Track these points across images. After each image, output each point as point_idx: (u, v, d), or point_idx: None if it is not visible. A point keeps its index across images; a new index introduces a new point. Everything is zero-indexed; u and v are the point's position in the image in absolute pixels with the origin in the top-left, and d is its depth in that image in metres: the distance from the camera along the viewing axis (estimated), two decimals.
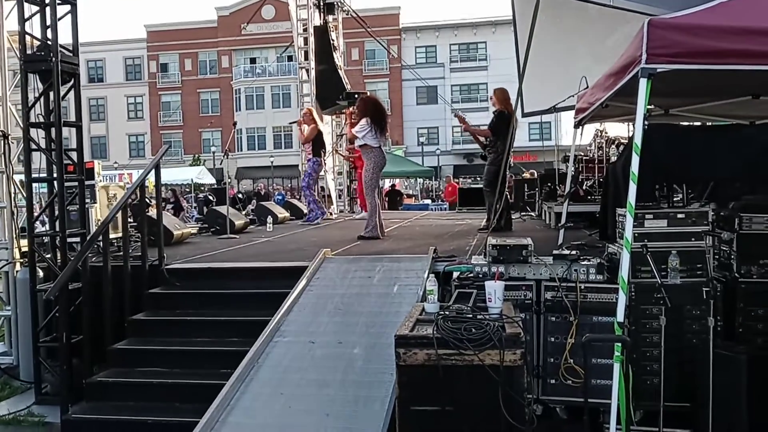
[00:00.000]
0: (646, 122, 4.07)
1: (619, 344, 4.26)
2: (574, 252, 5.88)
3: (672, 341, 5.19)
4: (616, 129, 12.40)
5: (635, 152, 4.07)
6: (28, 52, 7.33)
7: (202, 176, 39.90)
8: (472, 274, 5.75)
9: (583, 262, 5.58)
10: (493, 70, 52.96)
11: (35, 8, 7.33)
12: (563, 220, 7.65)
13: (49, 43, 7.22)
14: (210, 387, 5.38)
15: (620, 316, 4.26)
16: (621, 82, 4.66)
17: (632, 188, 4.13)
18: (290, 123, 16.58)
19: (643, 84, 4.07)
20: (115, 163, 49.30)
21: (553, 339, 5.43)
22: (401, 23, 55.87)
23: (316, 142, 12.40)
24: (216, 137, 57.22)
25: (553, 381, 5.42)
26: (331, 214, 15.46)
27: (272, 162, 50.20)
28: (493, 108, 9.42)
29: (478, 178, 19.84)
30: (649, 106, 4.85)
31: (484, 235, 8.29)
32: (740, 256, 5.49)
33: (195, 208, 26.18)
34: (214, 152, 48.99)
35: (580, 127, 7.70)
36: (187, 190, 38.97)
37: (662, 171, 5.87)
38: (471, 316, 4.28)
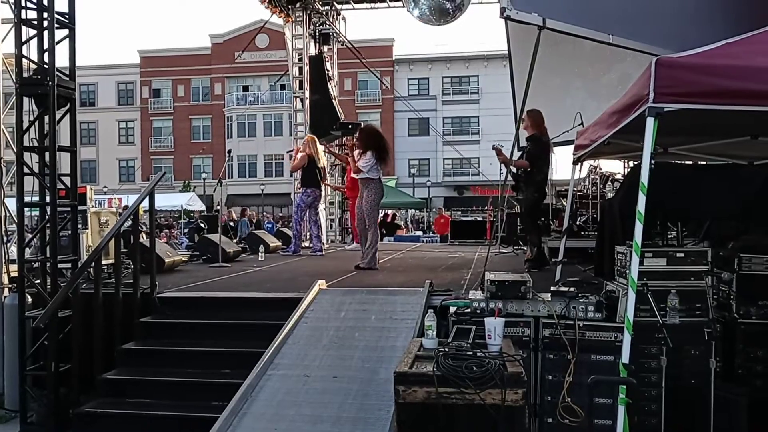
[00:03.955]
0: (652, 162, 4.04)
1: (624, 386, 4.19)
2: (572, 289, 5.82)
3: (670, 381, 5.15)
4: (610, 165, 12.44)
5: (642, 191, 4.04)
6: (24, 75, 7.27)
7: (193, 203, 39.81)
8: (469, 310, 5.65)
9: (581, 300, 5.50)
10: (485, 103, 53.45)
11: (33, 32, 7.28)
12: (560, 256, 7.57)
13: (45, 66, 7.17)
14: (201, 420, 5.30)
15: (625, 357, 4.20)
16: (626, 120, 4.64)
17: (638, 227, 4.09)
18: (288, 152, 16.41)
19: (650, 123, 4.04)
20: (105, 187, 49.11)
21: (550, 377, 5.34)
22: (394, 55, 56.27)
23: (307, 173, 12.06)
24: (207, 164, 57.23)
25: (550, 420, 5.31)
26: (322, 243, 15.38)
27: (263, 190, 50.16)
28: (526, 133, 8.93)
29: (469, 211, 19.79)
30: None
31: (533, 269, 8.26)
32: (739, 296, 5.49)
33: (185, 234, 26.00)
34: (204, 179, 49.13)
35: (579, 163, 7.68)
36: (176, 216, 38.80)
37: (660, 209, 5.85)
38: (471, 353, 4.20)
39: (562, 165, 10.31)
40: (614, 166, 12.51)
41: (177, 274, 9.27)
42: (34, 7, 7.25)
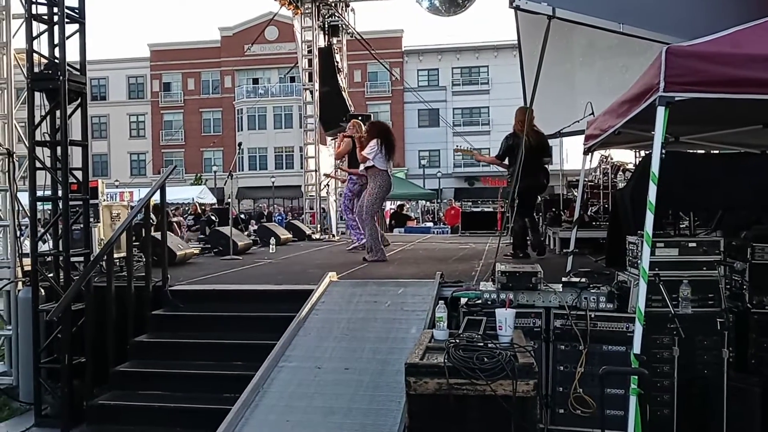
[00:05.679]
0: (663, 151, 4.01)
1: (636, 377, 4.18)
2: (583, 279, 5.81)
3: (683, 372, 5.13)
4: (622, 155, 12.38)
5: (653, 181, 4.02)
6: (36, 70, 7.29)
7: (204, 195, 39.91)
8: (480, 301, 5.64)
9: (593, 290, 5.49)
10: (495, 93, 53.20)
11: (43, 26, 7.30)
12: (572, 247, 7.55)
13: (56, 61, 7.18)
14: (213, 412, 5.32)
15: (636, 347, 4.18)
16: (636, 110, 4.61)
17: (649, 217, 4.07)
18: (332, 139, 16.11)
19: (660, 112, 4.01)
20: (117, 181, 49.33)
21: (562, 368, 5.34)
22: (404, 46, 56.09)
23: (354, 158, 10.85)
24: (218, 157, 57.31)
25: (561, 410, 5.32)
26: (333, 235, 15.41)
27: (273, 182, 50.22)
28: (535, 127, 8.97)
29: (480, 202, 19.72)
30: None
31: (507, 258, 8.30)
32: (752, 286, 5.44)
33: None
34: (215, 172, 49.25)
35: (590, 153, 7.64)
36: (188, 209, 38.88)
37: (671, 199, 5.81)
38: (482, 344, 4.19)
39: (572, 155, 10.28)
40: (625, 156, 12.43)
41: (188, 266, 9.31)
42: (45, 2, 7.27)
